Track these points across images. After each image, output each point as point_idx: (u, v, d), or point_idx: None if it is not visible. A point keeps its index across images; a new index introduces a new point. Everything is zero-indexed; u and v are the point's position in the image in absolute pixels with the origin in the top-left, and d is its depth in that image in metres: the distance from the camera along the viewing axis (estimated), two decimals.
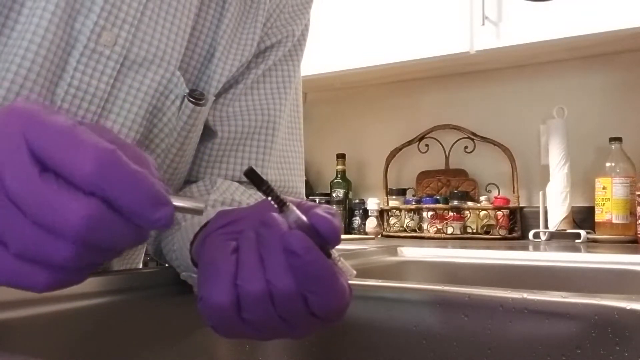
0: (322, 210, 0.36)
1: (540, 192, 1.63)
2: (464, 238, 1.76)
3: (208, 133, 0.64)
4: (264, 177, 0.65)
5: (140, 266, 0.74)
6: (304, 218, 0.34)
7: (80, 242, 0.28)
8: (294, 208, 0.35)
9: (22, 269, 0.29)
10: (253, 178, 0.33)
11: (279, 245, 0.34)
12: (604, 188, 1.62)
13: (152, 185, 0.29)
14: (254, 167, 0.34)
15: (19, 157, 0.28)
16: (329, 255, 0.35)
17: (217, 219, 0.41)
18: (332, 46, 1.90)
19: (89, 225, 0.28)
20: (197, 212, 0.33)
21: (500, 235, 1.75)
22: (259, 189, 0.34)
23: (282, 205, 0.34)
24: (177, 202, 0.31)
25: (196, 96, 0.58)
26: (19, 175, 0.28)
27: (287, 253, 0.33)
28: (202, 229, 0.46)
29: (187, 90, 0.58)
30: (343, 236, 1.92)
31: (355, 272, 0.37)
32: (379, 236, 1.93)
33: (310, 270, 0.33)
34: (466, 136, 1.97)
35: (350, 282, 0.38)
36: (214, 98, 0.62)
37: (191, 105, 0.58)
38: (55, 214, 0.27)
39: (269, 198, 0.34)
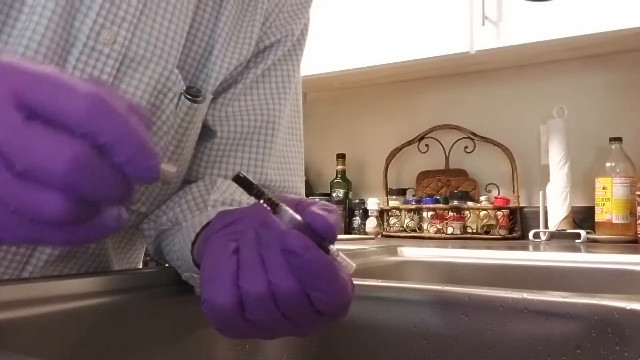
0: (318, 207, 0.36)
1: (540, 192, 1.63)
2: (464, 238, 1.76)
3: (207, 133, 0.64)
4: (264, 176, 0.65)
5: (140, 266, 0.74)
6: (298, 217, 0.34)
7: (68, 189, 0.27)
8: (287, 208, 0.35)
9: (24, 224, 0.28)
10: (242, 183, 0.33)
11: (278, 246, 0.34)
12: (604, 188, 1.62)
13: (143, 133, 0.29)
14: (242, 173, 0.33)
15: (2, 103, 0.27)
16: (327, 251, 0.35)
17: (218, 219, 0.41)
18: (332, 46, 1.90)
19: (77, 168, 0.27)
20: (167, 177, 0.31)
21: (500, 235, 1.75)
22: (250, 193, 0.34)
23: (274, 206, 0.34)
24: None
25: (193, 93, 0.58)
26: (2, 121, 0.27)
27: (286, 253, 0.33)
28: (204, 229, 0.46)
29: (184, 88, 0.58)
30: (343, 236, 1.91)
31: (354, 265, 0.37)
32: (379, 236, 1.93)
33: (310, 269, 0.33)
34: (466, 136, 1.97)
35: None
36: (212, 96, 0.62)
37: (188, 103, 0.58)
38: (40, 157, 0.26)
39: (261, 201, 0.34)
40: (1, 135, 0.26)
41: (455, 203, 1.82)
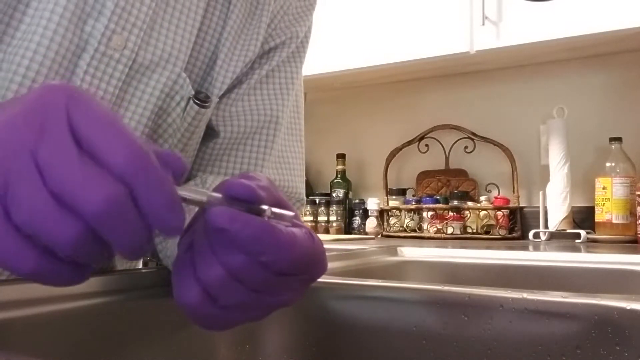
0: (238, 177, 0.35)
1: (540, 192, 1.63)
2: (464, 238, 1.76)
3: (210, 133, 0.64)
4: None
5: (140, 266, 0.74)
6: (217, 195, 0.33)
7: (93, 223, 0.28)
8: (200, 193, 0.33)
9: (14, 244, 0.28)
10: None
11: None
12: (604, 188, 1.62)
13: (174, 190, 0.30)
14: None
15: (59, 127, 0.28)
16: (259, 213, 0.34)
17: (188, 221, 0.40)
18: (332, 46, 1.90)
19: (109, 207, 0.27)
20: (201, 203, 0.32)
21: (500, 235, 1.75)
22: None
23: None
24: (183, 193, 0.31)
25: (201, 98, 0.58)
26: (56, 144, 0.28)
27: (218, 231, 0.33)
28: None
29: (193, 92, 0.58)
30: (343, 236, 1.90)
31: (292, 213, 0.36)
32: (379, 236, 1.93)
33: (245, 237, 0.33)
34: (466, 136, 1.97)
35: (350, 282, 0.38)
36: (218, 99, 0.62)
37: (196, 107, 0.58)
38: (80, 188, 0.27)
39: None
40: (52, 153, 0.28)
41: (455, 203, 1.82)
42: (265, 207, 0.34)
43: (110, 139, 0.29)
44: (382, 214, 1.98)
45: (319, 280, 0.39)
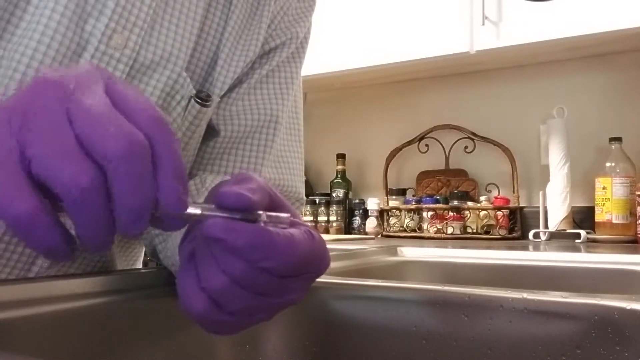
0: (230, 184, 0.35)
1: (540, 192, 1.63)
2: (464, 238, 1.76)
3: (210, 132, 0.64)
4: (261, 175, 0.65)
5: (140, 266, 0.74)
6: (210, 206, 0.33)
7: (110, 168, 0.28)
8: (194, 206, 0.33)
9: (15, 180, 0.27)
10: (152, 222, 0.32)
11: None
12: (604, 188, 1.62)
13: (149, 198, 0.30)
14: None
15: (95, 85, 0.31)
16: (254, 220, 0.34)
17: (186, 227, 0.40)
18: (332, 46, 1.90)
19: (132, 153, 0.28)
20: (196, 216, 0.33)
21: (500, 235, 1.75)
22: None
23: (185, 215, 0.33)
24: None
25: (203, 97, 0.58)
26: (90, 92, 0.30)
27: (215, 242, 0.33)
28: None
29: (194, 91, 0.58)
30: (343, 236, 1.90)
31: (288, 215, 0.36)
32: (379, 236, 1.93)
33: (242, 245, 0.33)
34: (466, 136, 1.97)
35: (350, 281, 0.38)
36: (219, 99, 0.62)
37: (197, 106, 0.58)
38: (107, 130, 0.28)
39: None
40: (84, 100, 0.29)
41: (455, 203, 1.82)
42: (260, 212, 0.34)
43: (142, 105, 0.30)
44: (382, 214, 1.98)
45: (320, 279, 0.39)
